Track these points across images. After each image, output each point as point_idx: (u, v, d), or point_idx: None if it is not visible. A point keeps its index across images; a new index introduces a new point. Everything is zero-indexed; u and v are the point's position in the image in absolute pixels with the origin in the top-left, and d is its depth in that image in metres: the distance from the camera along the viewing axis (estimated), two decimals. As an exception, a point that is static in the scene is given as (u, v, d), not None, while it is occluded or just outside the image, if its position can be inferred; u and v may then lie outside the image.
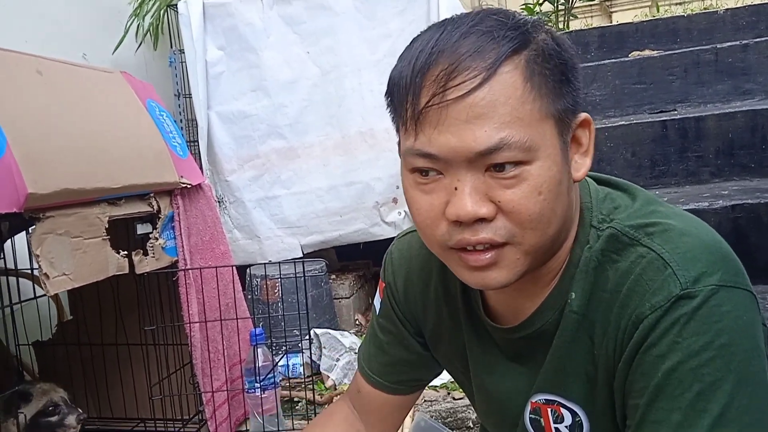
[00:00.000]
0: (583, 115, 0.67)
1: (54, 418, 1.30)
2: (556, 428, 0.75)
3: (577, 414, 0.72)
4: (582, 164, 0.68)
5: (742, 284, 0.62)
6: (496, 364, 0.81)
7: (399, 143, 0.68)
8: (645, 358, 0.62)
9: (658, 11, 3.68)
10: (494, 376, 0.81)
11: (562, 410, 0.74)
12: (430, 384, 1.28)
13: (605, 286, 0.68)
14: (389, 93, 0.67)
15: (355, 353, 1.95)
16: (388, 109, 0.69)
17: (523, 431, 0.78)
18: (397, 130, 0.68)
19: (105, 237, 1.21)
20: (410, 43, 0.66)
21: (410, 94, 0.63)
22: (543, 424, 0.76)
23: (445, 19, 0.66)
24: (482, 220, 0.63)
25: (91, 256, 1.16)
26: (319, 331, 2.00)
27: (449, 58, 0.61)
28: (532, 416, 0.77)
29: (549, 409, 0.75)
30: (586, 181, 0.75)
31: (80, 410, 1.34)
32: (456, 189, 0.63)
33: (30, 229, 1.10)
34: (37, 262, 1.06)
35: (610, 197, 0.73)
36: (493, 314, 0.79)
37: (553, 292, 0.72)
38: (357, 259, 2.74)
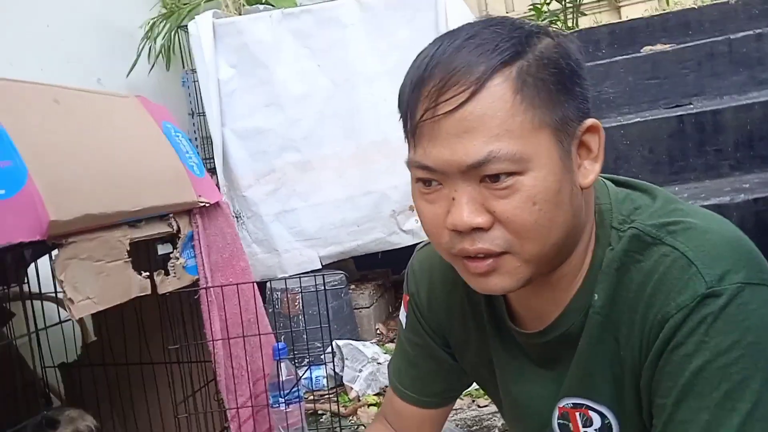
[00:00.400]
0: (590, 121, 0.67)
1: (80, 448, 1.30)
2: (586, 432, 0.74)
3: (606, 416, 0.72)
4: (591, 170, 0.68)
5: (767, 281, 0.62)
6: (522, 370, 0.80)
7: None
8: (672, 358, 0.62)
9: (668, 4, 3.63)
10: (521, 382, 0.81)
11: (591, 413, 0.73)
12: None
13: (629, 286, 0.67)
14: (398, 106, 0.69)
15: (378, 363, 1.95)
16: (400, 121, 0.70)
17: None
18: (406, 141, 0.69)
19: (127, 259, 1.22)
20: (416, 56, 0.67)
21: (408, 108, 0.65)
22: (572, 428, 0.76)
23: (446, 33, 0.67)
24: (480, 229, 0.63)
25: (114, 278, 1.18)
26: (340, 342, 2.00)
27: (442, 72, 0.62)
28: (561, 421, 0.77)
29: (577, 413, 0.75)
30: (604, 183, 0.75)
31: None
32: (454, 199, 0.64)
33: (53, 253, 1.11)
34: (62, 287, 1.07)
35: (630, 198, 0.73)
36: (519, 320, 0.79)
37: (577, 295, 0.72)
38: (376, 268, 2.74)
